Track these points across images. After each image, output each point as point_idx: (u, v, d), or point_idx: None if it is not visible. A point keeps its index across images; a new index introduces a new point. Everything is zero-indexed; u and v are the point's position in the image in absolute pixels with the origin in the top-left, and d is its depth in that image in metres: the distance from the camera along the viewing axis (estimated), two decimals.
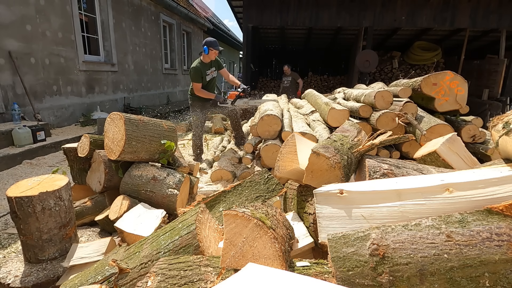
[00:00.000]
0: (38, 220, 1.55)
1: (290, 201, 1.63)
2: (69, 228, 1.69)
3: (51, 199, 1.57)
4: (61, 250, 1.66)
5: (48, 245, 1.61)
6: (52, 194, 1.58)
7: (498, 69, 7.88)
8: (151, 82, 9.63)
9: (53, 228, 1.61)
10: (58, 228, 1.63)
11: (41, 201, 1.54)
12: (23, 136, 4.24)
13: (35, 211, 1.53)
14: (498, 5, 7.29)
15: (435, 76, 3.31)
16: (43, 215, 1.56)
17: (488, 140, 3.20)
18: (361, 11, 7.60)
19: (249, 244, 0.95)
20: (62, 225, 1.64)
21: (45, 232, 1.58)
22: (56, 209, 1.60)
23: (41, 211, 1.54)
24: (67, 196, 1.67)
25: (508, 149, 1.10)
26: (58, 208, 1.61)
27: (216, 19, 19.28)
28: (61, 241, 1.66)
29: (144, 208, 1.79)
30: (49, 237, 1.60)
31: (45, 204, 1.55)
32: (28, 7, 5.04)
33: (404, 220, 0.97)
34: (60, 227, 1.64)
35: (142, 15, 8.84)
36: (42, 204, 1.54)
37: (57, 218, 1.61)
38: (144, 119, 2.17)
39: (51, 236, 1.61)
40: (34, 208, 1.53)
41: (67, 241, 1.69)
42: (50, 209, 1.58)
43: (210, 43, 3.83)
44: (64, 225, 1.65)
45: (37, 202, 1.53)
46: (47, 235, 1.59)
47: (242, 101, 4.23)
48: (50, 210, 1.57)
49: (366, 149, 1.50)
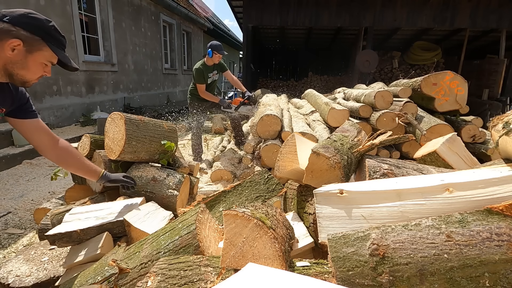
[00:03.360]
0: None
1: (290, 201, 1.63)
2: None
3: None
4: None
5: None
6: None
7: (498, 69, 7.88)
8: (151, 82, 9.63)
9: None
10: None
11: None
12: (23, 136, 4.23)
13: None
14: (498, 5, 7.29)
15: (435, 76, 3.31)
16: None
17: (488, 140, 3.20)
18: (361, 11, 7.60)
19: (249, 244, 0.95)
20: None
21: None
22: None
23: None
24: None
25: (508, 149, 1.10)
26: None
27: (216, 19, 19.28)
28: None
29: (154, 206, 1.80)
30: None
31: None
32: (28, 7, 5.02)
33: (404, 220, 0.97)
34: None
35: (142, 15, 8.84)
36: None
37: None
38: (145, 119, 2.17)
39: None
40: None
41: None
42: None
43: (214, 46, 3.82)
44: None
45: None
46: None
47: (246, 108, 4.23)
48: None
49: (366, 149, 1.50)
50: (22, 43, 1.05)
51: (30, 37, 1.07)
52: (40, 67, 1.14)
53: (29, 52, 1.08)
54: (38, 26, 1.10)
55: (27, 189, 3.20)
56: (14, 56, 1.05)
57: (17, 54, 1.06)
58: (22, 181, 3.37)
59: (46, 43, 1.12)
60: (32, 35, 1.07)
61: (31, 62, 1.10)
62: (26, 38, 1.06)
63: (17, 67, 1.08)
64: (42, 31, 1.10)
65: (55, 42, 1.15)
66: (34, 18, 1.09)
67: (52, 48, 1.13)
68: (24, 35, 1.05)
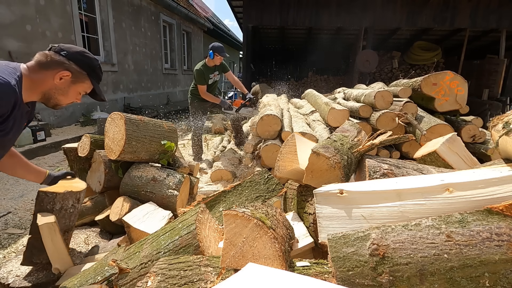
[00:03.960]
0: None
1: (290, 201, 1.63)
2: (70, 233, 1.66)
3: (71, 199, 1.56)
4: None
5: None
6: (73, 195, 1.56)
7: (498, 69, 7.88)
8: (151, 82, 9.63)
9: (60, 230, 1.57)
10: (63, 232, 1.59)
11: (63, 200, 1.53)
12: (23, 136, 4.24)
13: (53, 208, 1.51)
14: (498, 5, 7.29)
15: (435, 76, 3.31)
16: (58, 214, 1.54)
17: (488, 140, 3.20)
18: (361, 11, 7.60)
19: (249, 244, 0.95)
20: (67, 229, 1.61)
21: None
22: (71, 211, 1.58)
23: (58, 210, 1.53)
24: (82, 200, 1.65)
25: (508, 149, 1.10)
26: (72, 211, 1.59)
27: (216, 19, 19.28)
28: None
29: (152, 207, 1.81)
30: None
31: (64, 203, 1.54)
32: (28, 7, 5.04)
33: (404, 220, 0.97)
34: (65, 231, 1.60)
35: (142, 15, 8.84)
36: (62, 203, 1.53)
37: (67, 221, 1.59)
38: (145, 119, 2.17)
39: None
40: (54, 205, 1.51)
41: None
42: (66, 210, 1.55)
43: (216, 48, 3.82)
44: (68, 229, 1.62)
45: (58, 200, 1.52)
46: None
47: (247, 110, 4.24)
48: (66, 211, 1.55)
49: (366, 149, 1.50)
50: (70, 75, 1.24)
51: (79, 71, 1.26)
52: (75, 95, 1.32)
53: (73, 83, 1.27)
54: (87, 63, 1.29)
55: (27, 189, 3.20)
56: (60, 84, 1.23)
57: (63, 83, 1.24)
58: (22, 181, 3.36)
59: (89, 77, 1.31)
60: (81, 69, 1.27)
61: (72, 91, 1.29)
62: (75, 71, 1.25)
63: (58, 93, 1.25)
64: (89, 68, 1.30)
65: (96, 78, 1.34)
66: (86, 56, 1.30)
67: (92, 82, 1.33)
68: (74, 68, 1.24)
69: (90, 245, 1.92)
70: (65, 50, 1.23)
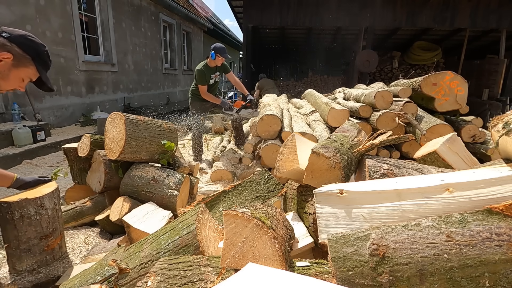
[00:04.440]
0: (16, 228, 1.46)
1: (290, 201, 1.63)
2: (52, 239, 1.59)
3: (31, 207, 1.48)
4: (40, 262, 1.56)
5: (26, 255, 1.51)
6: (32, 201, 1.48)
7: (498, 69, 7.89)
8: (151, 82, 9.63)
9: (33, 238, 1.51)
10: (38, 239, 1.53)
11: (20, 208, 1.45)
12: (23, 136, 4.24)
13: (13, 218, 1.45)
14: (498, 5, 7.29)
15: (435, 76, 3.31)
16: (22, 223, 1.46)
17: (488, 140, 3.20)
18: (361, 11, 7.60)
19: (249, 244, 0.95)
20: (44, 236, 1.55)
21: (24, 241, 1.49)
22: (37, 218, 1.50)
23: (19, 219, 1.45)
24: (51, 205, 1.56)
25: (508, 149, 1.10)
26: (39, 217, 1.51)
27: (216, 19, 19.28)
28: (41, 252, 1.55)
29: (152, 207, 1.80)
30: (28, 247, 1.50)
31: (24, 211, 1.46)
32: (28, 7, 5.04)
33: (404, 220, 0.97)
34: (41, 237, 1.54)
35: (142, 15, 8.84)
36: (21, 211, 1.45)
37: (37, 228, 1.51)
38: (145, 119, 2.17)
39: (29, 246, 1.50)
40: (13, 215, 1.44)
41: (49, 253, 1.59)
42: (30, 218, 1.48)
43: (218, 49, 3.81)
44: (46, 235, 1.56)
45: (15, 209, 1.44)
46: (26, 245, 1.49)
47: (247, 111, 4.25)
48: (30, 218, 1.48)
49: (366, 149, 1.50)
50: (12, 57, 1.18)
51: (21, 55, 1.20)
52: (18, 81, 1.26)
53: (15, 66, 1.21)
54: (32, 47, 1.24)
55: None
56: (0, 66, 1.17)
57: (3, 65, 1.18)
58: None
59: (34, 62, 1.25)
60: (24, 53, 1.21)
61: (13, 76, 1.23)
62: (17, 54, 1.19)
63: None
64: (34, 52, 1.24)
65: (42, 64, 1.28)
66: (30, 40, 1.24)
67: (37, 68, 1.27)
68: (17, 51, 1.19)
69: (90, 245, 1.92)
70: (7, 32, 1.18)
